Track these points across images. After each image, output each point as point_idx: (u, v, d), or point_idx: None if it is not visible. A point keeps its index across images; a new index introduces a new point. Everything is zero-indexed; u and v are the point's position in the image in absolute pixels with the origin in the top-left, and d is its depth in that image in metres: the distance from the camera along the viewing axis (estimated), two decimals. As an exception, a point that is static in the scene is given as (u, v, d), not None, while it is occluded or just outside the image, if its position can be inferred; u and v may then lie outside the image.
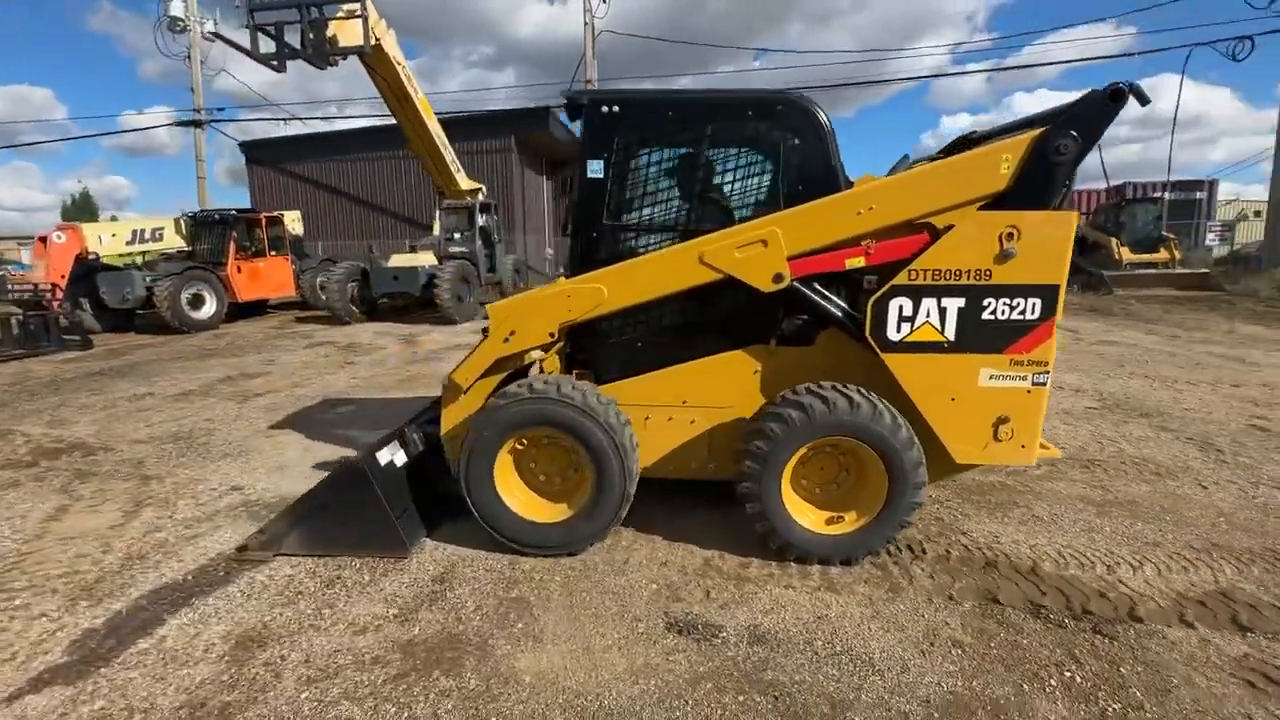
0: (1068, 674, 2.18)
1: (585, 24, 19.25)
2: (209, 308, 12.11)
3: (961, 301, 2.80)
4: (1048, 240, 2.72)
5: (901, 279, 2.81)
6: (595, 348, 3.30)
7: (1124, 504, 3.56)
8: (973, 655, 2.29)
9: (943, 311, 2.82)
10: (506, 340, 3.09)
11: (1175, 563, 2.93)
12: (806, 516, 2.95)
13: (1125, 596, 2.66)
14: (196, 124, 20.82)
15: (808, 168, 2.99)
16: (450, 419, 3.28)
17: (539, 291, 3.08)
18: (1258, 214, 23.98)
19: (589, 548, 3.05)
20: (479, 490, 2.96)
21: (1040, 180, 2.72)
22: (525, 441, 3.03)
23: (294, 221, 15.78)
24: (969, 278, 2.78)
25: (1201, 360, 7.45)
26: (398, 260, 12.79)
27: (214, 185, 64.53)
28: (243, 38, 9.79)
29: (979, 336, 2.82)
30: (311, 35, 9.81)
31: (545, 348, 3.17)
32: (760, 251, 2.87)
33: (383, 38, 11.37)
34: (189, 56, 20.32)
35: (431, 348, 9.60)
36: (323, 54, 9.83)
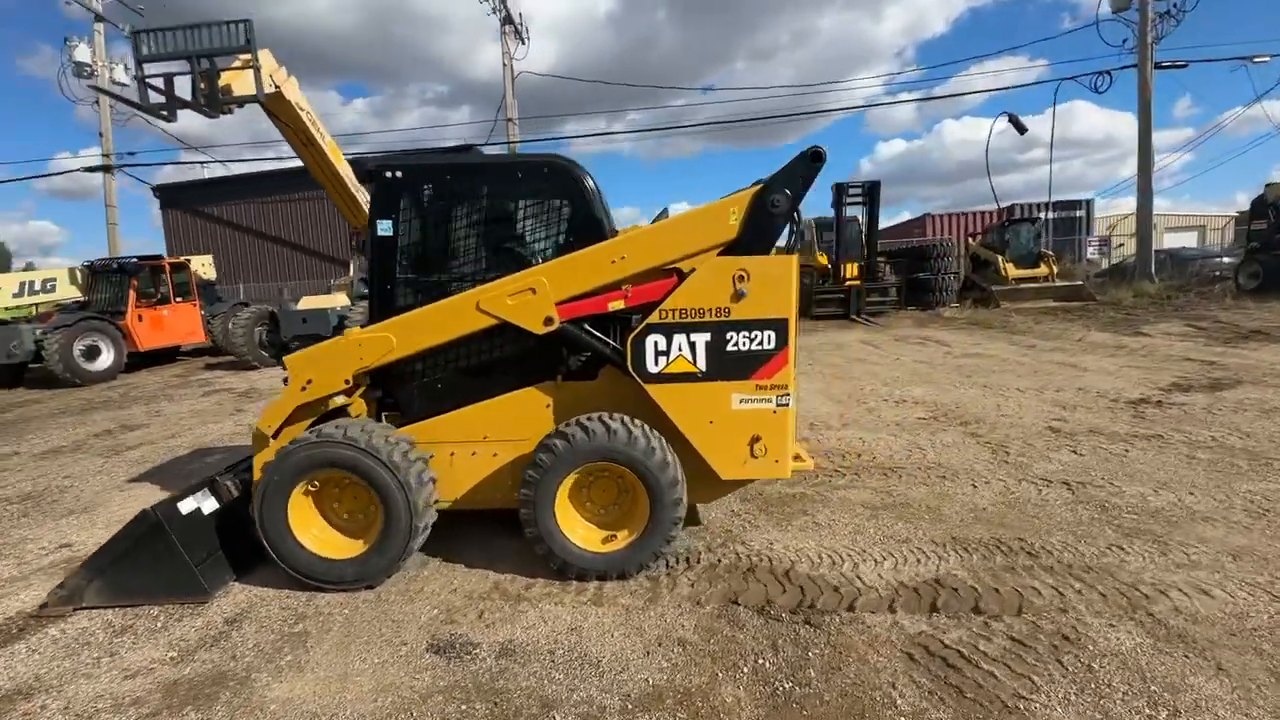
0: (760, 661, 2.50)
1: (504, 65, 19.81)
2: (105, 359, 11.77)
3: (708, 336, 3.17)
4: (773, 279, 3.12)
5: (654, 318, 3.16)
6: (400, 391, 3.55)
7: (897, 506, 3.98)
8: (691, 652, 2.59)
9: (693, 345, 3.18)
10: (304, 389, 3.31)
11: (913, 556, 3.33)
12: (581, 536, 3.22)
13: (854, 589, 3.03)
14: (106, 169, 20.31)
15: (573, 221, 3.35)
16: (260, 465, 3.45)
17: (333, 342, 3.31)
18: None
19: (385, 580, 3.24)
20: (273, 530, 3.13)
21: (763, 228, 3.14)
22: (318, 483, 3.23)
23: (204, 266, 15.55)
24: (712, 315, 3.15)
25: (1041, 368, 8.19)
26: (308, 303, 12.73)
27: (148, 230, 61.86)
28: (131, 90, 9.78)
29: (726, 366, 3.19)
30: (204, 86, 9.90)
31: (347, 393, 3.39)
32: (530, 298, 3.20)
33: (283, 85, 11.46)
34: (98, 101, 19.91)
35: (332, 390, 9.60)
36: (215, 104, 9.88)
